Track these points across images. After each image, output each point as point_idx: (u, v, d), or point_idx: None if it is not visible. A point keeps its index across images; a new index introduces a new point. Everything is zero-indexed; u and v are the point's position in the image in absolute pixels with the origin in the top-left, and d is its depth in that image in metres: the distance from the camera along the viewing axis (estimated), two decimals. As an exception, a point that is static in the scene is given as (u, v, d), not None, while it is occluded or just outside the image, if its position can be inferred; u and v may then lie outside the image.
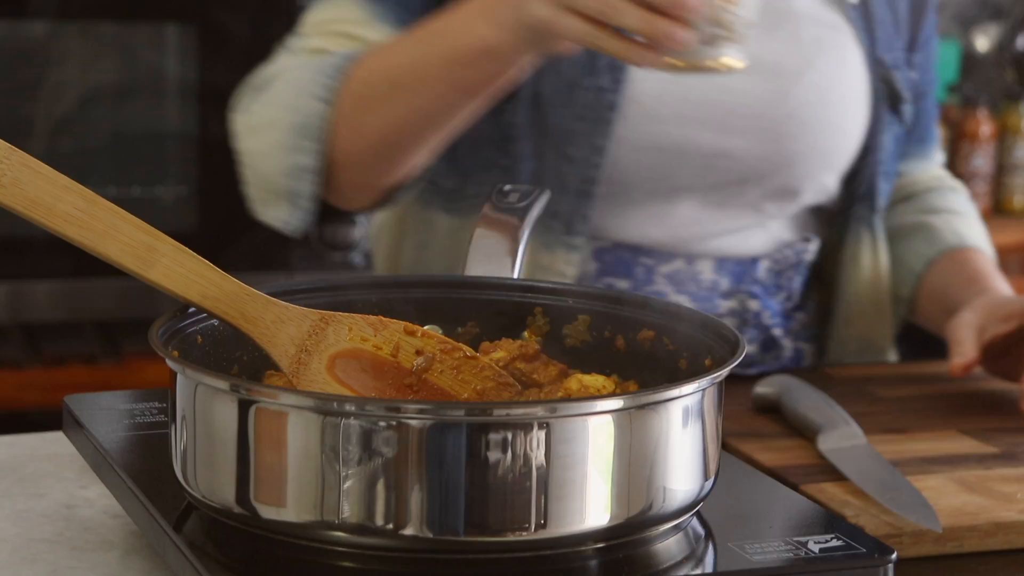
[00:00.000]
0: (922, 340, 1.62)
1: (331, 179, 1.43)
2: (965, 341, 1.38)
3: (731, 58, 1.20)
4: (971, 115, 2.96)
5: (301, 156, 1.41)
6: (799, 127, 1.50)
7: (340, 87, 1.40)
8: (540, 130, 1.48)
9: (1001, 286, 1.49)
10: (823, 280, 1.60)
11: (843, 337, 1.59)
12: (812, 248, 1.58)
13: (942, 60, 3.10)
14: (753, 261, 1.54)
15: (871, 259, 1.58)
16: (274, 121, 1.43)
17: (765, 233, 1.54)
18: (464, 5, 1.33)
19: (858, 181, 1.56)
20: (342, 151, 1.41)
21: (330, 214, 1.49)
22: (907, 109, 1.58)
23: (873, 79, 1.55)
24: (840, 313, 1.59)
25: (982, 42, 3.21)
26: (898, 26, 1.58)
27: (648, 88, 1.46)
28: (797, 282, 1.57)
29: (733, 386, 0.99)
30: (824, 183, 1.55)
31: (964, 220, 1.63)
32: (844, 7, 1.53)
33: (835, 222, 1.58)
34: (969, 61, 3.17)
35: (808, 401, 1.30)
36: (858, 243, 1.58)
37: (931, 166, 1.70)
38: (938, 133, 1.72)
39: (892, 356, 1.63)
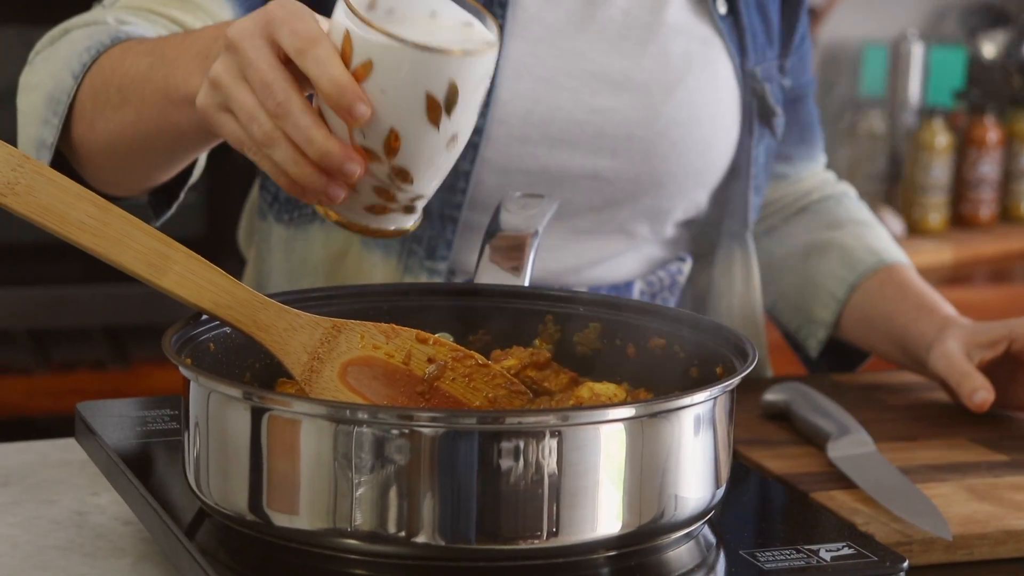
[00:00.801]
0: (841, 353, 1.61)
1: (79, 161, 1.31)
2: (973, 373, 1.36)
3: (396, 225, 1.03)
4: (978, 122, 2.96)
5: (45, 130, 1.29)
6: (670, 146, 1.45)
7: (91, 69, 1.27)
8: None
9: (951, 309, 1.48)
10: (696, 296, 1.57)
11: None
12: (685, 269, 1.55)
13: (950, 67, 3.10)
14: (627, 285, 1.51)
15: (743, 274, 1.56)
16: (40, 84, 1.31)
17: (637, 255, 1.51)
18: (207, 32, 1.16)
19: (729, 196, 1.53)
20: (77, 139, 1.28)
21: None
22: (779, 123, 1.55)
23: (744, 93, 1.51)
24: None
25: (989, 49, 3.21)
26: (770, 34, 1.54)
27: (515, 109, 1.40)
28: (672, 303, 1.54)
29: (742, 393, 0.99)
30: (695, 200, 1.51)
31: (872, 231, 1.60)
32: (714, 18, 1.49)
33: (706, 238, 1.55)
34: (976, 68, 3.17)
35: (817, 408, 1.30)
36: (730, 259, 1.55)
37: (818, 167, 1.68)
38: (821, 134, 1.68)
39: (768, 371, 1.62)
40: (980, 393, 1.35)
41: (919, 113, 2.98)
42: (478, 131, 1.39)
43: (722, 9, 1.49)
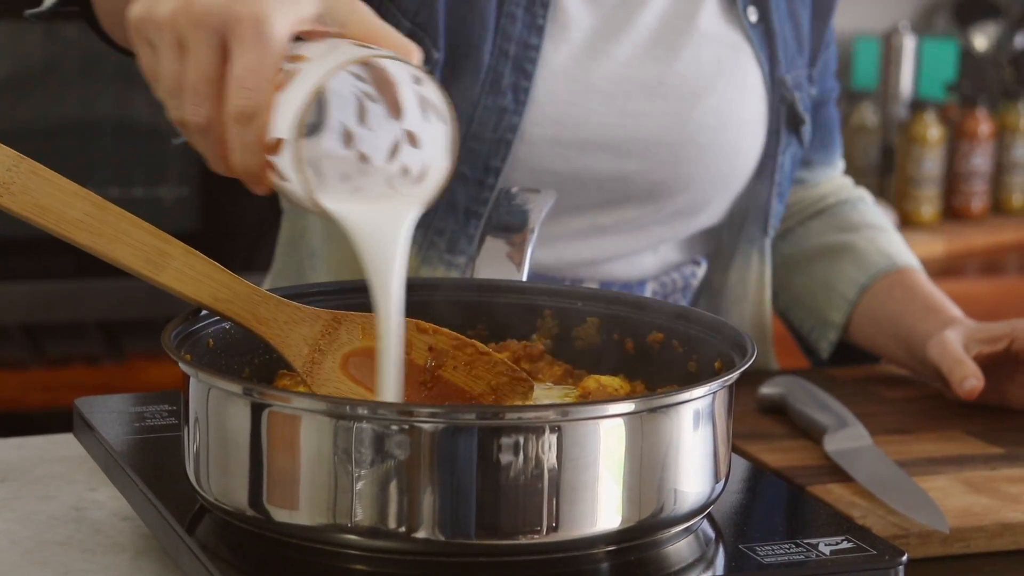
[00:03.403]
0: (850, 357, 1.61)
1: None
2: (965, 361, 1.36)
3: None
4: (970, 114, 2.96)
5: None
6: (697, 151, 1.46)
7: None
8: None
9: (959, 312, 1.48)
10: (708, 300, 1.57)
11: None
12: (700, 272, 1.55)
13: (942, 59, 3.11)
14: (640, 284, 1.51)
15: (757, 280, 1.56)
16: None
17: (654, 256, 1.51)
18: None
19: (752, 202, 1.53)
20: None
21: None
22: (806, 131, 1.55)
23: (772, 99, 1.51)
24: None
25: (980, 41, 3.21)
26: (801, 41, 1.54)
27: (550, 111, 1.41)
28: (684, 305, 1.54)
29: (738, 388, 0.99)
30: (719, 205, 1.51)
31: (886, 235, 1.60)
32: (744, 26, 1.48)
33: (725, 242, 1.55)
34: (968, 60, 3.17)
35: (814, 402, 1.30)
36: (746, 265, 1.55)
37: (835, 173, 1.68)
38: (840, 138, 1.69)
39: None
40: (970, 380, 1.34)
41: (911, 106, 2.98)
42: (512, 130, 1.39)
43: (752, 17, 1.49)
